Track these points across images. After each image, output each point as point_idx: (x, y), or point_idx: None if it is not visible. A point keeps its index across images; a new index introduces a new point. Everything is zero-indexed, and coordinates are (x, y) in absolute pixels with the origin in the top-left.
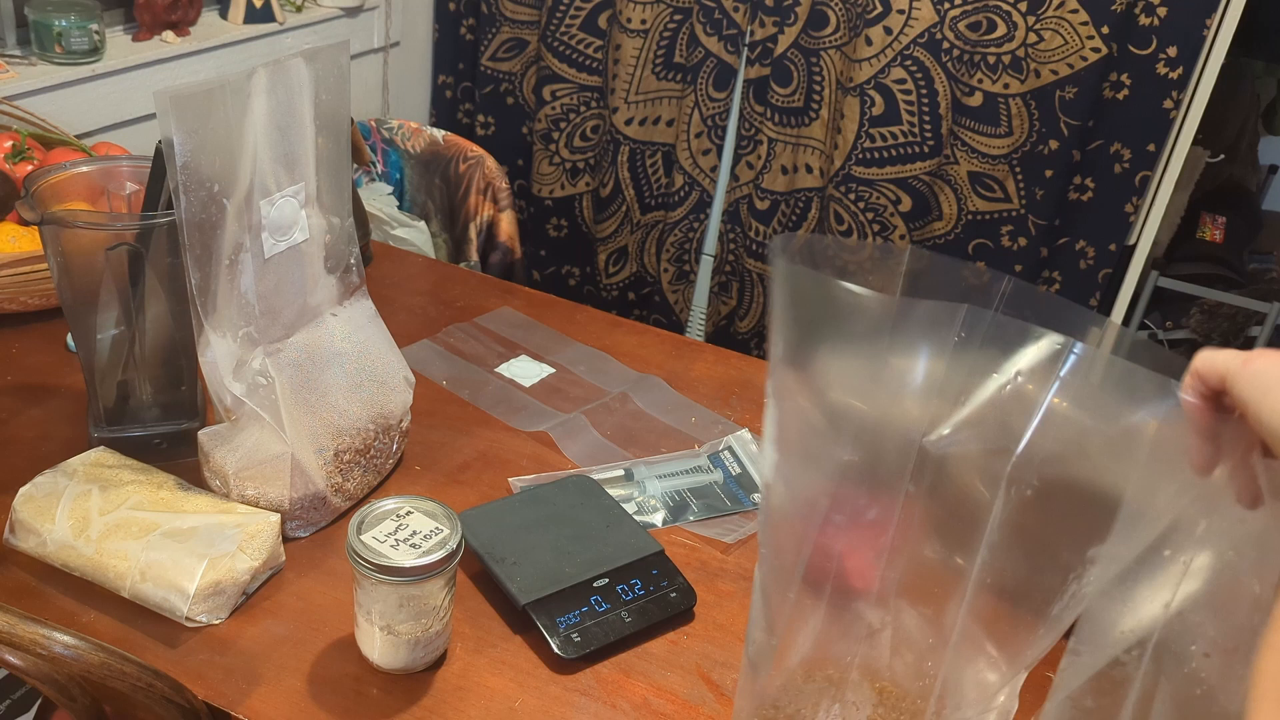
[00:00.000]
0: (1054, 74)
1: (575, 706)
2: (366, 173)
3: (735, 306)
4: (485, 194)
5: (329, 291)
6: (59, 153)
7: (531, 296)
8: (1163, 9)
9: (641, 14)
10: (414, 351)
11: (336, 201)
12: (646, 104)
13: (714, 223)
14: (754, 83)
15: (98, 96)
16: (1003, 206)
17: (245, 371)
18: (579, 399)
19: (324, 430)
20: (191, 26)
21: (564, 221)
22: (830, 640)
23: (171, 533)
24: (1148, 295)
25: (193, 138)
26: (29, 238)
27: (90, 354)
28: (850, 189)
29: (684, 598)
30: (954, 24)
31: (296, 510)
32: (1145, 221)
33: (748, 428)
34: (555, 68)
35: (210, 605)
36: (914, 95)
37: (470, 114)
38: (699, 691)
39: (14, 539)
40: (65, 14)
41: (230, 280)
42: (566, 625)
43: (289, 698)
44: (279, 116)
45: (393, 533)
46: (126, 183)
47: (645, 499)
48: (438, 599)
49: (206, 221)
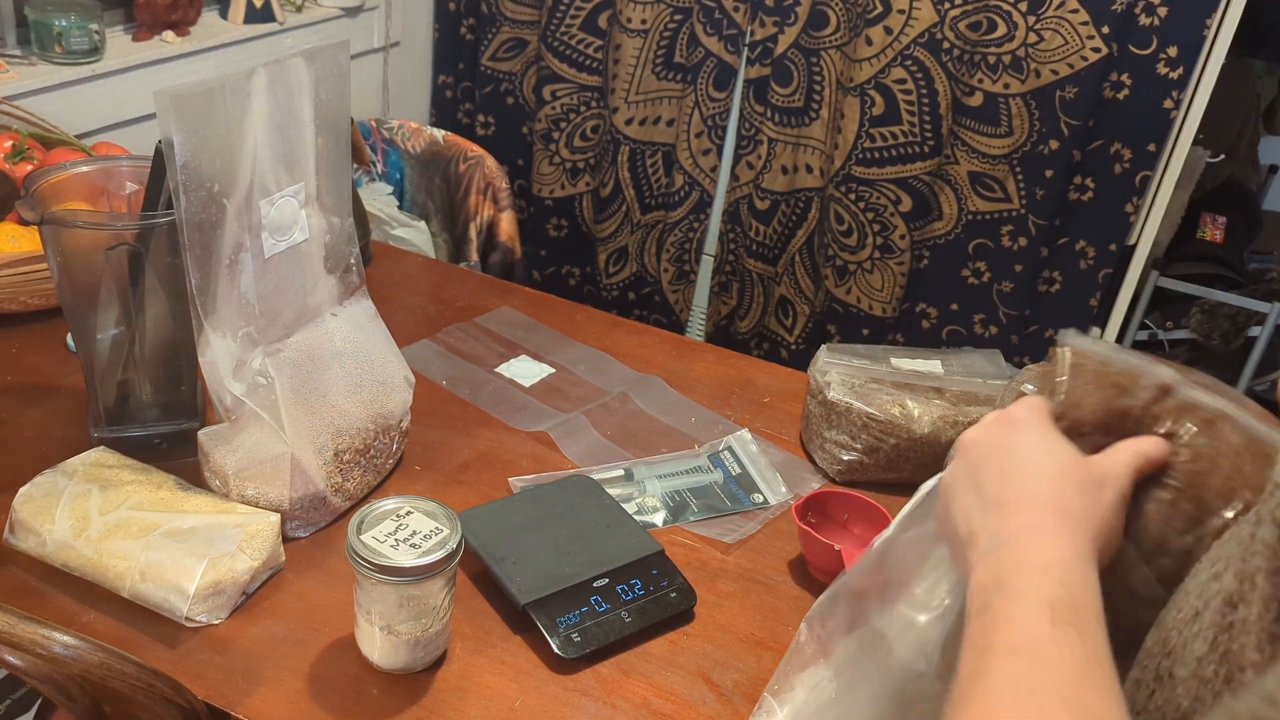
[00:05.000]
0: (1054, 74)
1: (575, 706)
2: (366, 173)
3: (735, 306)
4: (485, 194)
5: (329, 291)
6: (59, 153)
7: (531, 296)
8: (1163, 9)
9: (641, 14)
10: (414, 351)
11: (336, 201)
12: (646, 104)
13: (714, 223)
14: (754, 83)
15: (98, 96)
16: (1003, 206)
17: (245, 371)
18: (579, 399)
19: (324, 430)
20: (191, 26)
21: (564, 221)
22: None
23: (171, 533)
24: (1148, 295)
25: (193, 137)
26: (29, 238)
27: (90, 354)
28: (850, 189)
29: (684, 598)
30: (954, 24)
31: (296, 510)
32: (1145, 221)
33: (747, 428)
34: (555, 68)
35: (210, 605)
36: (914, 95)
37: (470, 114)
38: (699, 691)
39: (14, 539)
40: (65, 14)
41: (230, 280)
42: (566, 625)
43: (289, 698)
44: (279, 116)
45: (393, 533)
46: (126, 183)
47: (645, 499)
48: (438, 599)
49: (206, 221)
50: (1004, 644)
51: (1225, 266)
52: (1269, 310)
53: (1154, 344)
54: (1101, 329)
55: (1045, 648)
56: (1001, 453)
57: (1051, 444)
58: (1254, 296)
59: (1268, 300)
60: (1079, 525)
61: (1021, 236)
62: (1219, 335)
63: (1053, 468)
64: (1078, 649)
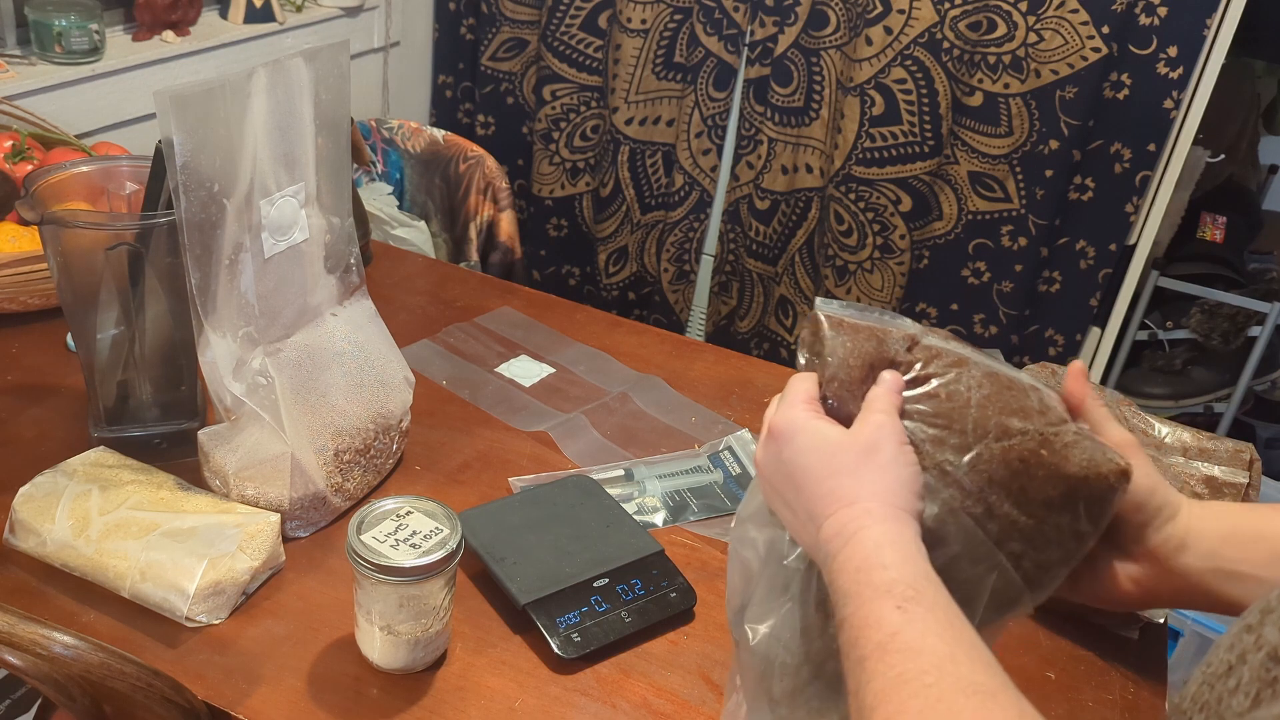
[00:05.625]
0: (1054, 74)
1: (575, 706)
2: (366, 173)
3: (735, 306)
4: (485, 194)
5: (329, 291)
6: (59, 153)
7: (531, 296)
8: (1163, 9)
9: (642, 14)
10: (414, 351)
11: (336, 201)
12: (646, 104)
13: (714, 222)
14: (754, 82)
15: (98, 96)
16: (1003, 206)
17: (245, 371)
18: (579, 399)
19: (324, 430)
20: (191, 26)
21: (564, 221)
22: None
23: (171, 533)
24: (1148, 295)
25: (193, 137)
26: (29, 238)
27: (90, 354)
28: (850, 189)
29: (684, 598)
30: (954, 24)
31: (296, 510)
32: (1145, 221)
33: (748, 428)
34: (555, 68)
35: (210, 605)
36: (914, 95)
37: (470, 114)
38: (699, 691)
39: (14, 539)
40: (65, 14)
41: (230, 280)
42: (566, 625)
43: (289, 698)
44: (279, 116)
45: (393, 533)
46: (126, 183)
47: (645, 499)
48: (438, 599)
49: (206, 221)
50: (872, 647)
51: (1225, 266)
52: (1269, 310)
53: (1154, 344)
54: (1101, 329)
55: (907, 635)
56: (784, 469)
57: (816, 437)
58: (1254, 296)
59: (1268, 300)
60: (874, 501)
61: (1021, 236)
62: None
63: (827, 461)
64: (932, 622)
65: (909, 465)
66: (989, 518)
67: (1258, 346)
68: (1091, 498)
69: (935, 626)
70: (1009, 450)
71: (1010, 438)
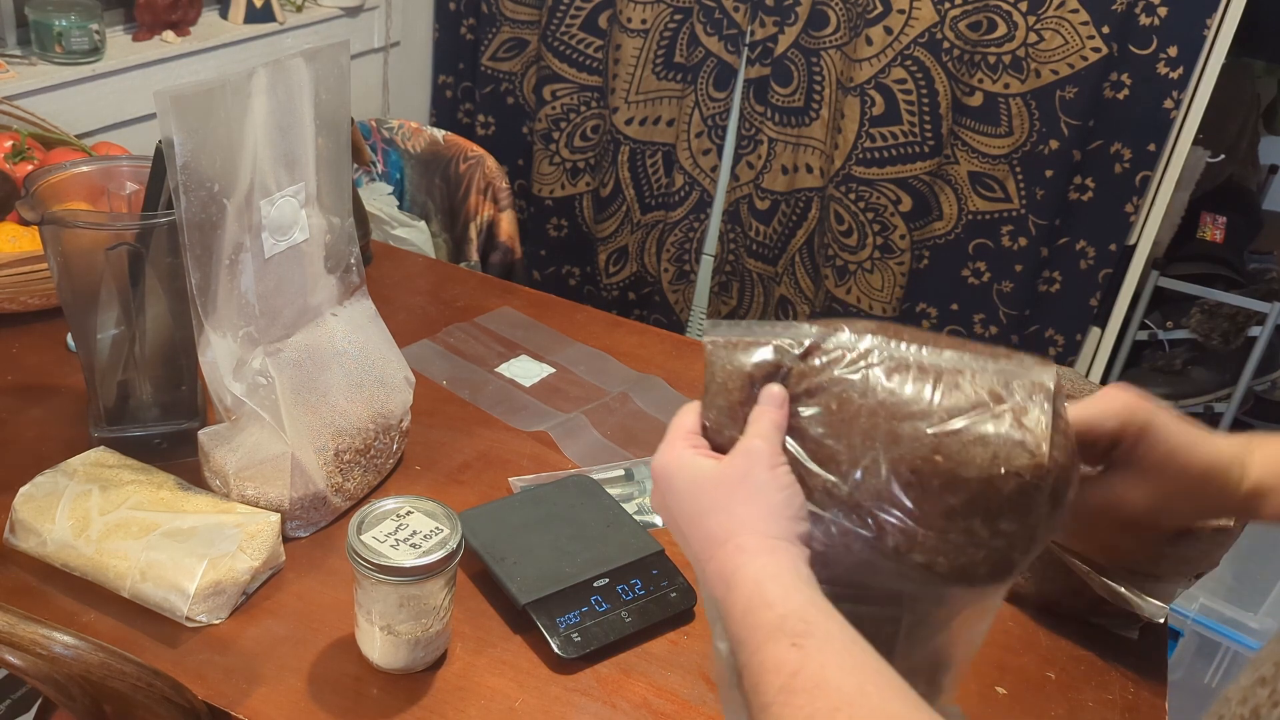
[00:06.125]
0: (1054, 74)
1: (575, 706)
2: (366, 173)
3: (735, 306)
4: (485, 194)
5: (329, 291)
6: (59, 153)
7: (531, 296)
8: (1163, 9)
9: (642, 14)
10: (414, 351)
11: (336, 201)
12: (647, 104)
13: (714, 222)
14: (754, 82)
15: (98, 96)
16: (1003, 206)
17: (245, 371)
18: (579, 399)
19: (324, 430)
20: (191, 26)
21: (564, 221)
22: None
23: (171, 533)
24: (1148, 295)
25: (193, 138)
26: (29, 238)
27: (90, 354)
28: (850, 189)
29: (684, 598)
30: (954, 24)
31: (296, 510)
32: (1145, 221)
33: None
34: (555, 68)
35: (210, 605)
36: (914, 95)
37: (470, 114)
38: (699, 691)
39: (14, 539)
40: (65, 14)
41: (230, 280)
42: (566, 625)
43: (289, 698)
44: (279, 116)
45: (393, 533)
46: (126, 183)
47: (645, 499)
48: (438, 599)
49: (206, 221)
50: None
51: (1225, 266)
52: (1269, 310)
53: (1154, 344)
54: (1101, 329)
55: (808, 672)
56: (669, 515)
57: (690, 475)
58: (1254, 296)
59: (1268, 300)
60: (746, 535)
61: (1021, 236)
62: (1219, 335)
63: (699, 500)
64: (831, 654)
65: (782, 489)
66: (884, 534)
67: (1258, 346)
68: (1002, 499)
69: (835, 658)
70: (898, 461)
71: (899, 446)
